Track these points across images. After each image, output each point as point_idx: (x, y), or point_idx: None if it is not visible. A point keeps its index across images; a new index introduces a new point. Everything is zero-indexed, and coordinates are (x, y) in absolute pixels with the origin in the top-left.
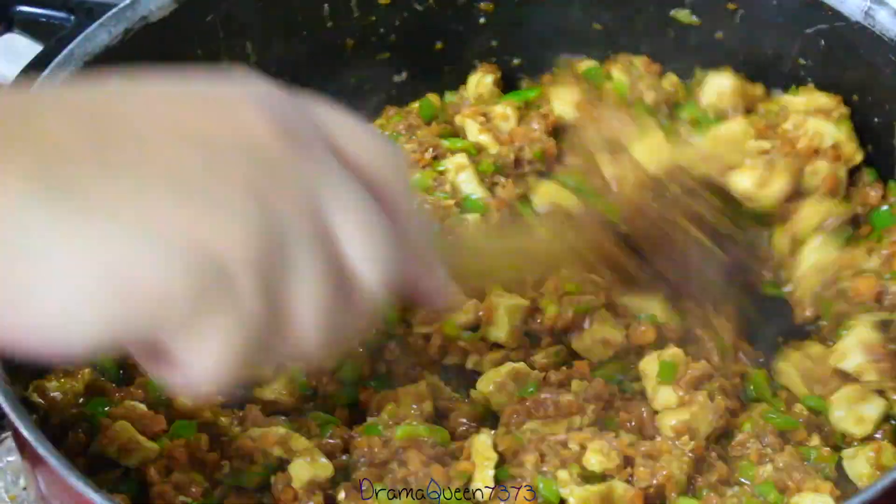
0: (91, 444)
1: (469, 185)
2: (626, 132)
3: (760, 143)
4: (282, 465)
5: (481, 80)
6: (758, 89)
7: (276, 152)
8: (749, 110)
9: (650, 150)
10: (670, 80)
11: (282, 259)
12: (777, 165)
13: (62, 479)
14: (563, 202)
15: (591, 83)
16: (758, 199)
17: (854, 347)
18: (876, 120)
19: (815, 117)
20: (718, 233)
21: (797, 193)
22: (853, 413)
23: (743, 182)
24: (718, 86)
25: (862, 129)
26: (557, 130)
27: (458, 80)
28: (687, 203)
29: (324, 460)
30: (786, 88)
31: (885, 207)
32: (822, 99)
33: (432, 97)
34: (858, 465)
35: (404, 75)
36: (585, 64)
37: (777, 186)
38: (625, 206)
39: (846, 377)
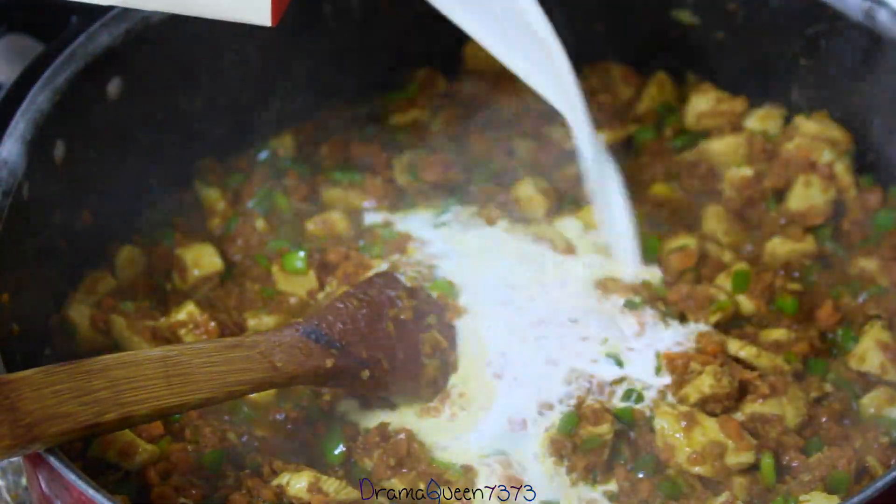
0: (88, 449)
1: None
2: None
3: (743, 169)
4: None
5: None
6: (739, 105)
7: None
8: (735, 128)
9: None
10: (660, 86)
11: None
12: None
13: (63, 478)
14: None
15: None
16: None
17: (872, 348)
18: (876, 120)
19: (821, 143)
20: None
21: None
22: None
23: None
24: (698, 108)
25: (862, 131)
26: None
27: None
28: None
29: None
30: (785, 90)
31: (884, 211)
32: (835, 132)
33: None
34: None
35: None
36: None
37: None
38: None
39: (868, 379)
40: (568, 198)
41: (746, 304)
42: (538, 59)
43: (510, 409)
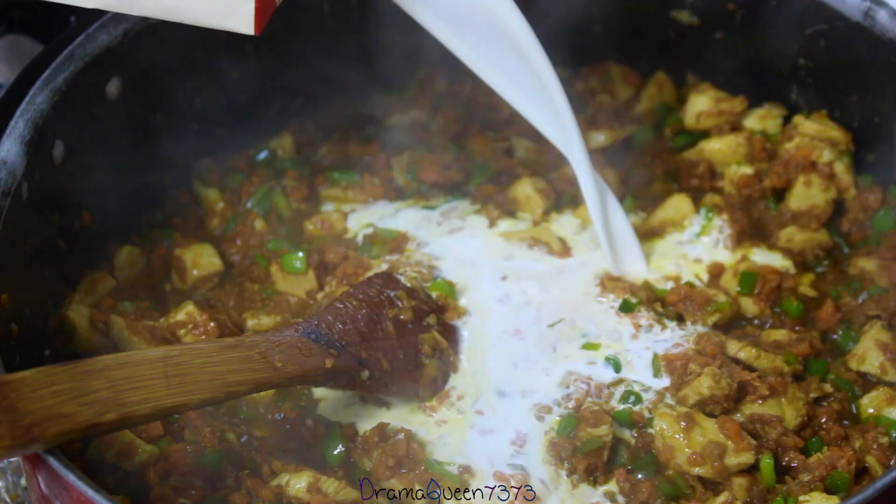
0: (88, 449)
1: None
2: None
3: (744, 167)
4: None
5: None
6: (739, 104)
7: None
8: (734, 127)
9: None
10: (659, 86)
11: None
12: None
13: (62, 478)
14: None
15: None
16: None
17: (871, 349)
18: (876, 120)
19: (821, 143)
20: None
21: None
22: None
23: None
24: (697, 108)
25: (861, 131)
26: None
27: None
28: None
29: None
30: (785, 90)
31: (883, 211)
32: (835, 132)
33: None
34: None
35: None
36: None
37: None
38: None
39: (867, 380)
40: (566, 196)
41: (750, 306)
42: (539, 99)
43: (507, 412)
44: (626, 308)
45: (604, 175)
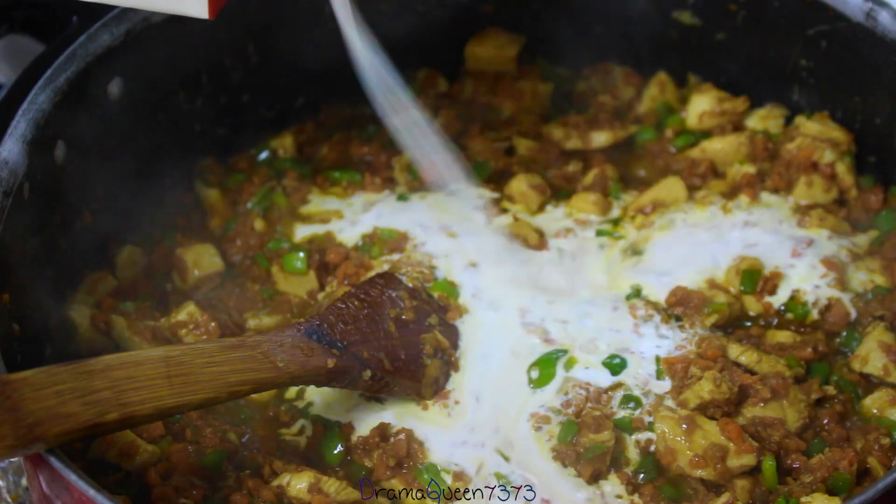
0: (89, 449)
1: None
2: None
3: (746, 166)
4: None
5: None
6: (741, 104)
7: None
8: (737, 127)
9: None
10: (661, 87)
11: None
12: None
13: (64, 478)
14: None
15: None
16: None
17: (874, 350)
18: (877, 121)
19: (822, 143)
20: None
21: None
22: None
23: None
24: (699, 108)
25: (863, 131)
26: None
27: None
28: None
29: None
30: (786, 90)
31: (885, 212)
32: (836, 133)
33: None
34: None
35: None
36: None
37: None
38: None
39: (870, 381)
40: (563, 192)
41: (753, 305)
42: None
43: (507, 414)
44: (630, 301)
45: (604, 172)
